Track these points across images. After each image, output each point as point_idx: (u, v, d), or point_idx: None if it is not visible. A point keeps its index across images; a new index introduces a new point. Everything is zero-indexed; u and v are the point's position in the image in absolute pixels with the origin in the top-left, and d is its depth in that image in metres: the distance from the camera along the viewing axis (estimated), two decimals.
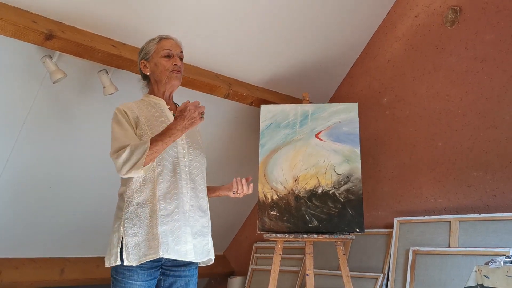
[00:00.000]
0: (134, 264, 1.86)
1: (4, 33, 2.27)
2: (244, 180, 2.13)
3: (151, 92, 2.16)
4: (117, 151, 1.87)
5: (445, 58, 3.32)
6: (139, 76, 2.81)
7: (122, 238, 1.88)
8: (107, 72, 2.72)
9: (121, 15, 2.60)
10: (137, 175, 1.88)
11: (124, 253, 1.86)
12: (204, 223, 2.06)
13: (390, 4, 3.66)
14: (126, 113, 2.00)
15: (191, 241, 1.96)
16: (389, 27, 3.68)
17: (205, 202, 2.09)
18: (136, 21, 2.67)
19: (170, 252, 1.88)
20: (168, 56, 2.10)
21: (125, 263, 1.86)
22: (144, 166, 1.84)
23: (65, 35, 2.42)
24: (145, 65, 2.14)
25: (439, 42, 3.37)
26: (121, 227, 1.90)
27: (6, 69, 2.47)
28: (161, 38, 2.15)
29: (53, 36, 2.37)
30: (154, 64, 2.10)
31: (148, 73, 2.13)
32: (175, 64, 2.09)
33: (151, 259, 1.86)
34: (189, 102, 1.85)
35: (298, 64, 3.58)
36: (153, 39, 2.16)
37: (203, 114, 1.88)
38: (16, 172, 2.84)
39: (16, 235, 3.10)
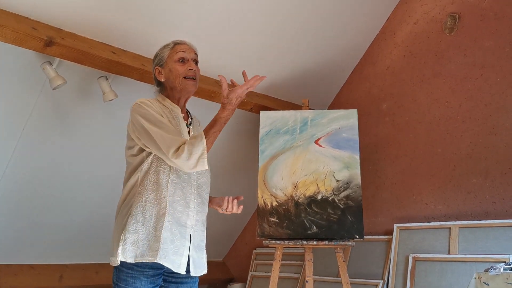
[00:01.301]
0: (129, 261, 1.82)
1: (4, 40, 2.28)
2: (235, 201, 2.11)
3: (167, 96, 2.09)
4: (176, 151, 1.83)
5: (444, 64, 3.33)
6: (139, 82, 2.83)
7: (123, 233, 1.85)
8: (107, 79, 2.73)
9: (121, 21, 2.61)
10: (203, 169, 1.88)
11: (120, 248, 1.82)
12: (202, 237, 2.04)
13: (389, 10, 3.68)
14: (153, 106, 1.95)
15: (187, 255, 1.92)
16: (388, 34, 3.69)
17: (205, 217, 2.08)
18: (136, 28, 2.68)
19: (167, 260, 1.85)
20: (183, 61, 2.05)
21: (121, 259, 1.82)
22: (205, 163, 1.85)
23: (65, 41, 2.43)
24: (159, 71, 2.08)
25: (438, 48, 3.38)
26: (125, 222, 1.86)
27: (6, 76, 2.48)
28: (175, 43, 2.09)
29: (53, 43, 2.38)
30: (168, 70, 2.05)
31: (162, 80, 2.07)
32: (190, 69, 2.04)
33: (148, 262, 1.83)
34: (236, 86, 1.89)
35: (297, 71, 3.59)
36: (167, 45, 2.10)
37: None
38: (16, 178, 2.84)
39: (15, 242, 3.09)
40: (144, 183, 1.91)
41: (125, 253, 1.82)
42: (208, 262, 2.10)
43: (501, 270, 1.91)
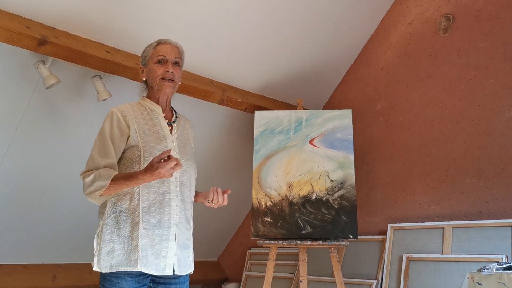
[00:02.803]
0: (104, 271, 1.85)
1: None
2: (219, 190, 2.07)
3: (149, 96, 2.13)
4: (87, 171, 1.91)
5: (438, 65, 3.34)
6: (133, 81, 2.83)
7: (98, 243, 1.89)
8: (101, 78, 2.72)
9: (115, 20, 2.60)
10: (93, 202, 1.90)
11: (95, 258, 1.87)
12: (188, 235, 2.04)
13: (384, 11, 3.68)
14: (118, 120, 1.98)
15: (172, 256, 1.93)
16: (383, 34, 3.70)
17: (190, 214, 2.07)
18: (131, 27, 2.67)
19: (149, 266, 1.86)
20: (161, 62, 2.05)
21: (95, 268, 1.86)
22: (98, 198, 1.86)
23: (59, 40, 2.42)
24: (142, 70, 2.12)
25: (432, 49, 3.39)
26: (100, 232, 1.90)
27: None
28: (158, 43, 2.11)
29: (46, 42, 2.37)
30: (148, 70, 2.08)
31: (144, 79, 2.12)
32: (166, 71, 2.04)
33: (127, 271, 1.85)
34: (159, 161, 1.76)
35: (292, 71, 3.59)
36: (151, 44, 2.12)
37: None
38: (9, 177, 2.83)
39: (8, 241, 3.07)
40: (118, 193, 1.92)
41: (100, 263, 1.86)
42: (202, 262, 2.10)
43: (494, 270, 1.92)
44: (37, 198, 3.00)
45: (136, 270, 1.84)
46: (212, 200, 2.07)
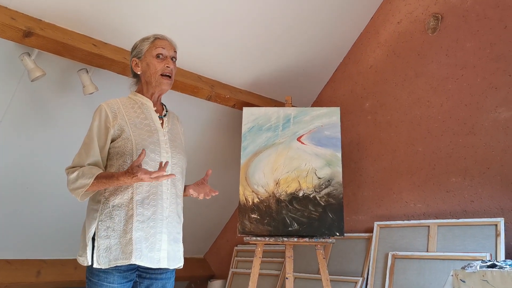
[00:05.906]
0: (104, 267, 1.84)
1: None
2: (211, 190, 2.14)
3: (140, 91, 2.11)
4: (72, 167, 1.93)
5: (426, 64, 3.36)
6: (120, 75, 2.80)
7: (94, 239, 1.87)
8: (87, 71, 2.69)
9: (102, 14, 2.57)
10: (76, 198, 1.91)
11: (95, 255, 1.85)
12: (178, 229, 2.04)
13: (373, 10, 3.69)
14: (106, 116, 1.97)
15: (166, 249, 1.94)
16: (372, 33, 3.71)
17: (181, 207, 2.07)
18: (118, 21, 2.64)
19: (143, 259, 1.86)
20: (161, 57, 2.05)
21: (95, 265, 1.85)
22: (81, 196, 1.89)
23: (45, 32, 2.39)
24: (136, 63, 2.09)
25: (420, 48, 3.41)
26: (95, 228, 1.89)
27: None
28: (156, 38, 2.09)
29: (32, 34, 2.33)
30: (146, 64, 2.06)
31: (139, 72, 2.09)
32: (167, 66, 2.04)
33: (123, 264, 1.84)
34: (138, 165, 1.78)
35: (281, 68, 3.59)
36: (147, 38, 2.10)
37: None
38: None
39: None
40: (109, 188, 1.92)
41: (100, 260, 1.85)
42: (189, 259, 2.10)
43: (478, 267, 1.94)
44: (21, 192, 2.97)
45: (131, 262, 1.83)
46: (204, 195, 2.13)
